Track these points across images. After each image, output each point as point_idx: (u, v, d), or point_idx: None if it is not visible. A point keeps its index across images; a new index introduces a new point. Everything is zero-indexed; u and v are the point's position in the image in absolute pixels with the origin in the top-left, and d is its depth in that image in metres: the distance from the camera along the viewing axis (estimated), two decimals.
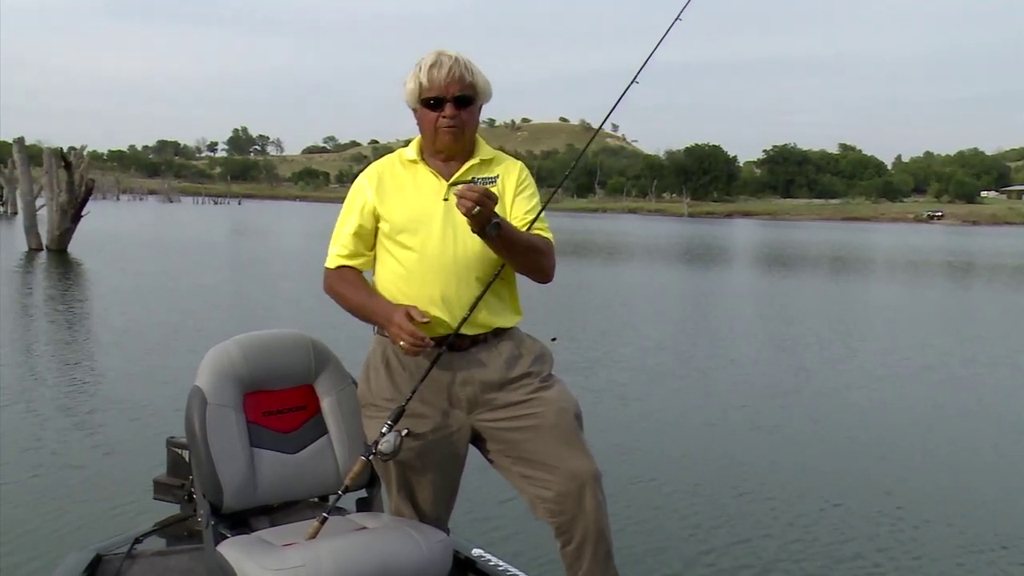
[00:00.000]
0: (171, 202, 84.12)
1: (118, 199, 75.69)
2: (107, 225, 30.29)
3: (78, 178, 21.86)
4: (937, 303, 17.61)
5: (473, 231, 2.32)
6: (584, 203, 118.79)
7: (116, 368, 8.23)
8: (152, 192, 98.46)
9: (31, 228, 22.40)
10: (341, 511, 2.49)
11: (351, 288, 2.51)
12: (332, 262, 2.54)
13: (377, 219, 2.51)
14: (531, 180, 2.59)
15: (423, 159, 2.53)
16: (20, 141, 24.57)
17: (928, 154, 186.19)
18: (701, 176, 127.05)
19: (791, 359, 9.71)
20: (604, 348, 9.98)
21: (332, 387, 2.56)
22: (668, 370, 8.86)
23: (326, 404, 2.55)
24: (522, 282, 2.53)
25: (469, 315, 2.44)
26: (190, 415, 2.36)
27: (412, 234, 2.46)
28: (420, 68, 2.46)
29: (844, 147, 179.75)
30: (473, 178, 2.51)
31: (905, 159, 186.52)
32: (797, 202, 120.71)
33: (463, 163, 2.52)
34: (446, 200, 2.43)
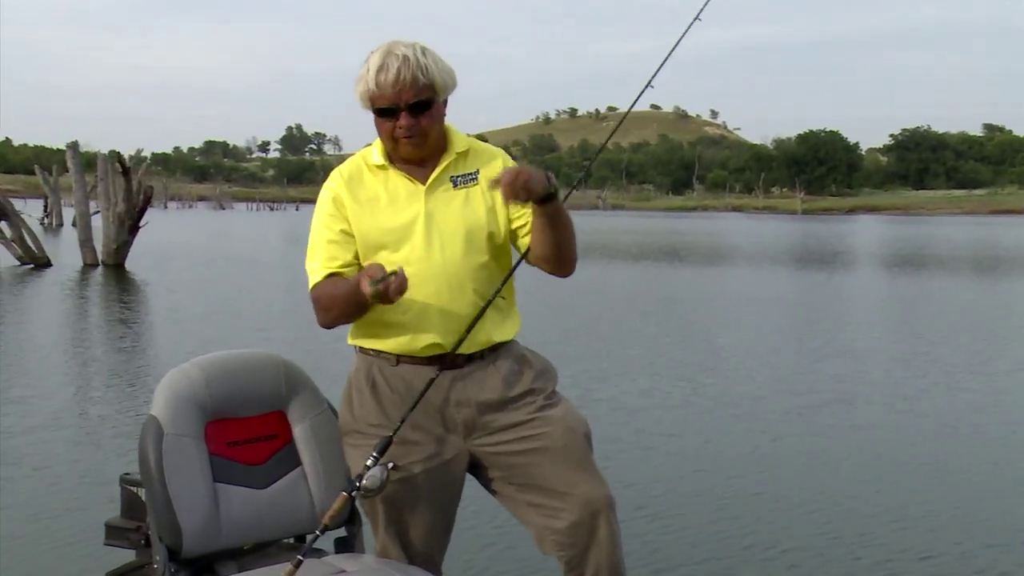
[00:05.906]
0: (223, 209, 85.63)
1: (166, 207, 76.53)
2: (162, 236, 30.06)
3: (136, 185, 21.60)
4: None
5: (533, 201, 2.36)
6: (681, 201, 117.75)
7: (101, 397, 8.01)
8: (202, 198, 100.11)
9: (86, 241, 22.01)
10: (318, 552, 2.48)
11: (335, 287, 2.41)
12: (315, 278, 2.45)
13: (352, 235, 2.46)
14: None
15: (391, 163, 2.50)
16: (74, 146, 23.83)
17: None
18: (817, 167, 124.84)
19: (923, 380, 9.27)
20: (692, 363, 9.82)
21: (306, 413, 2.57)
22: (771, 394, 8.65)
23: (299, 432, 2.56)
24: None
25: (467, 335, 2.42)
26: (144, 448, 2.38)
27: (392, 250, 2.44)
28: (368, 69, 2.40)
29: (989, 128, 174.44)
30: (451, 177, 2.50)
31: None
32: (933, 194, 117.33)
33: (436, 161, 2.50)
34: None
